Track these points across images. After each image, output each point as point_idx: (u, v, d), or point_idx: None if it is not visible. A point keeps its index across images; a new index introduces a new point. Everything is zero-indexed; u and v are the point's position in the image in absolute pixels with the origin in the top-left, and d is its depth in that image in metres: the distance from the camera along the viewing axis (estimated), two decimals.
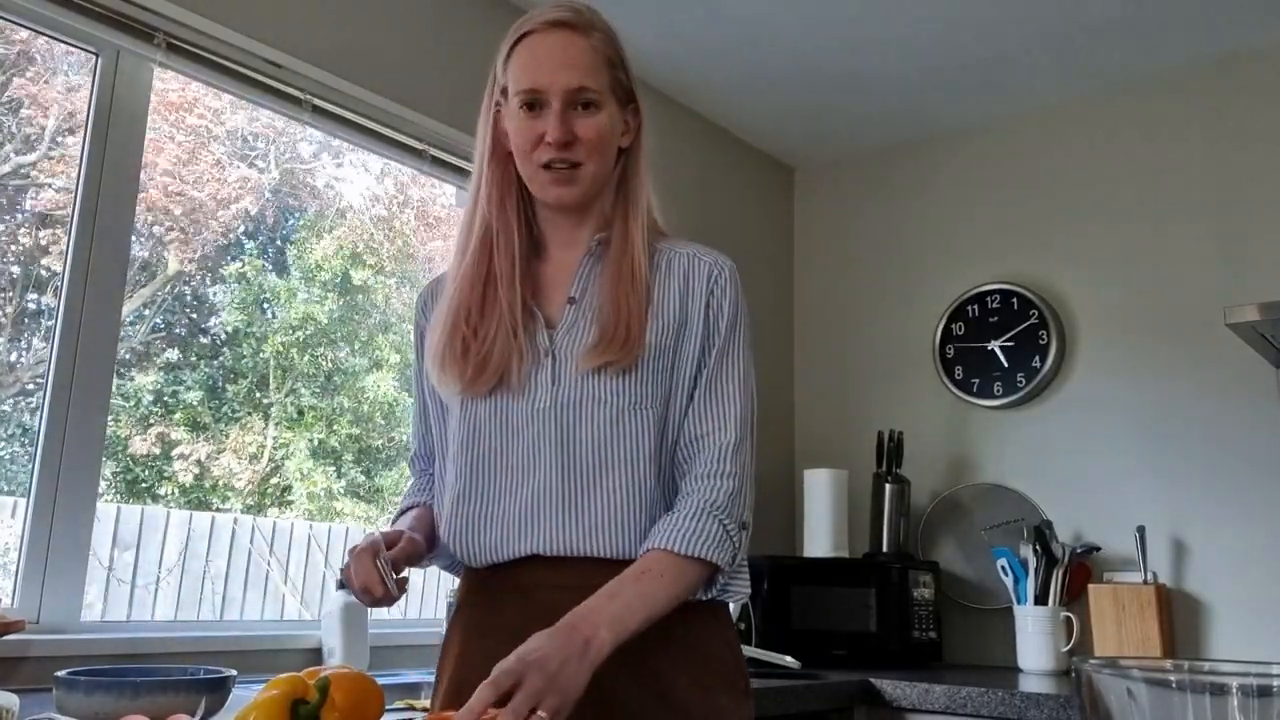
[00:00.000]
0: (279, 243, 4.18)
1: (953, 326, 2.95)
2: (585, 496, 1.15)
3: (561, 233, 1.27)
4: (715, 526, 1.12)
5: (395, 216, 4.39)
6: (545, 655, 0.95)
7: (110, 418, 1.81)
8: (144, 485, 3.53)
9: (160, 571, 2.86)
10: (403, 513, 1.32)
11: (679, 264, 1.24)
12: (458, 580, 1.30)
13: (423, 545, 1.22)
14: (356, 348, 4.06)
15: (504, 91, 1.21)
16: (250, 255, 3.97)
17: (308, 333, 3.96)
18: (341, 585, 1.95)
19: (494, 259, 1.22)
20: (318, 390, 4.01)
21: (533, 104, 1.17)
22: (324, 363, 4.01)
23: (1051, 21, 2.52)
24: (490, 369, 1.18)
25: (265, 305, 4.01)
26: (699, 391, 1.20)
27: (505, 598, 1.18)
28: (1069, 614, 2.49)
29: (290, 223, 4.21)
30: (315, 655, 1.94)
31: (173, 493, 3.53)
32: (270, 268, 4.02)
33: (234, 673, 1.24)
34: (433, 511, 1.29)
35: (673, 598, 1.08)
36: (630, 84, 1.25)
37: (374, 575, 1.11)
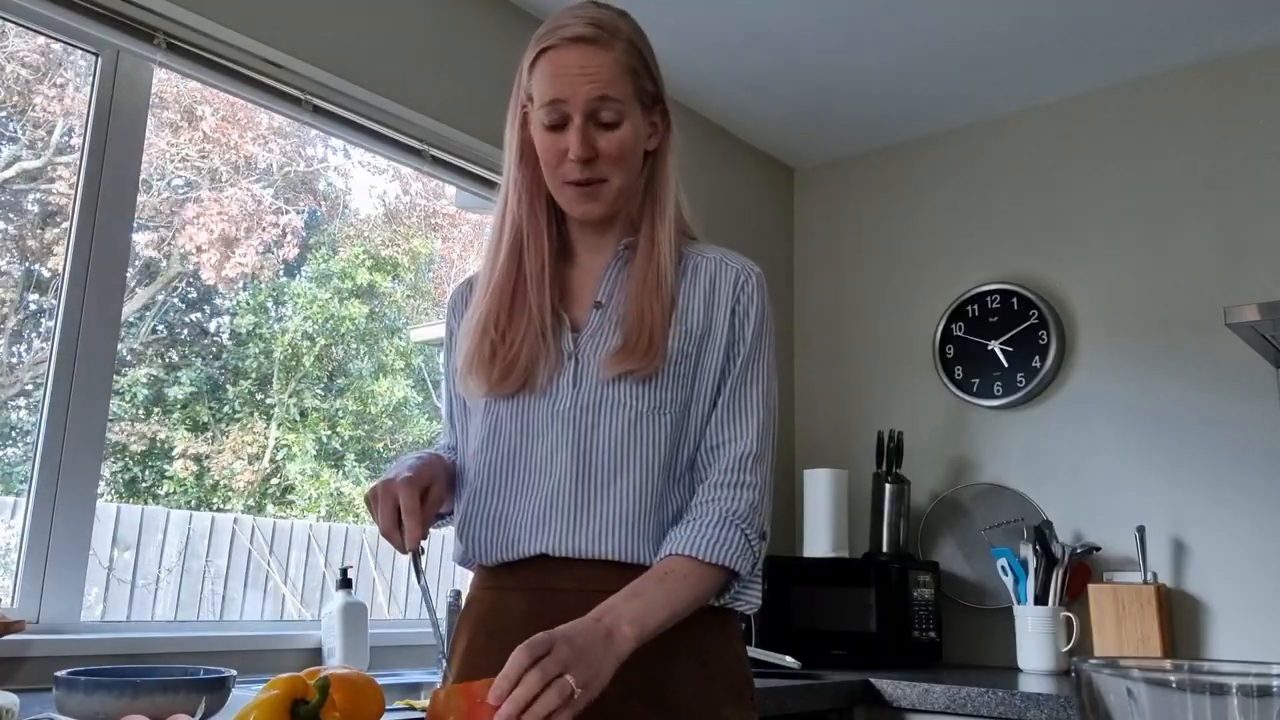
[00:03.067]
0: (297, 248, 4.19)
1: (953, 326, 2.95)
2: (598, 499, 1.15)
3: (589, 237, 1.27)
4: (738, 535, 1.13)
5: (405, 222, 4.41)
6: (573, 634, 0.96)
7: (110, 418, 1.80)
8: (144, 485, 3.53)
9: (160, 571, 2.87)
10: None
11: (705, 269, 1.24)
12: (458, 580, 1.31)
13: (449, 497, 1.24)
14: (363, 351, 4.07)
15: (530, 97, 1.20)
16: (266, 257, 3.98)
17: (320, 329, 3.96)
18: (342, 585, 1.96)
19: (524, 261, 1.23)
20: (321, 392, 4.01)
21: (555, 120, 1.16)
22: (329, 364, 4.01)
23: (1051, 21, 2.51)
24: (516, 372, 1.19)
25: (276, 306, 4.02)
26: (722, 399, 1.20)
27: (512, 595, 1.18)
28: (1069, 614, 2.49)
29: (309, 226, 4.22)
30: (315, 655, 1.94)
31: (173, 492, 3.53)
32: (282, 269, 4.03)
33: (234, 673, 1.24)
34: (454, 464, 1.31)
35: (693, 601, 1.09)
36: (656, 88, 1.24)
37: (394, 529, 1.12)
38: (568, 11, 1.19)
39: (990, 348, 2.87)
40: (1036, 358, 2.78)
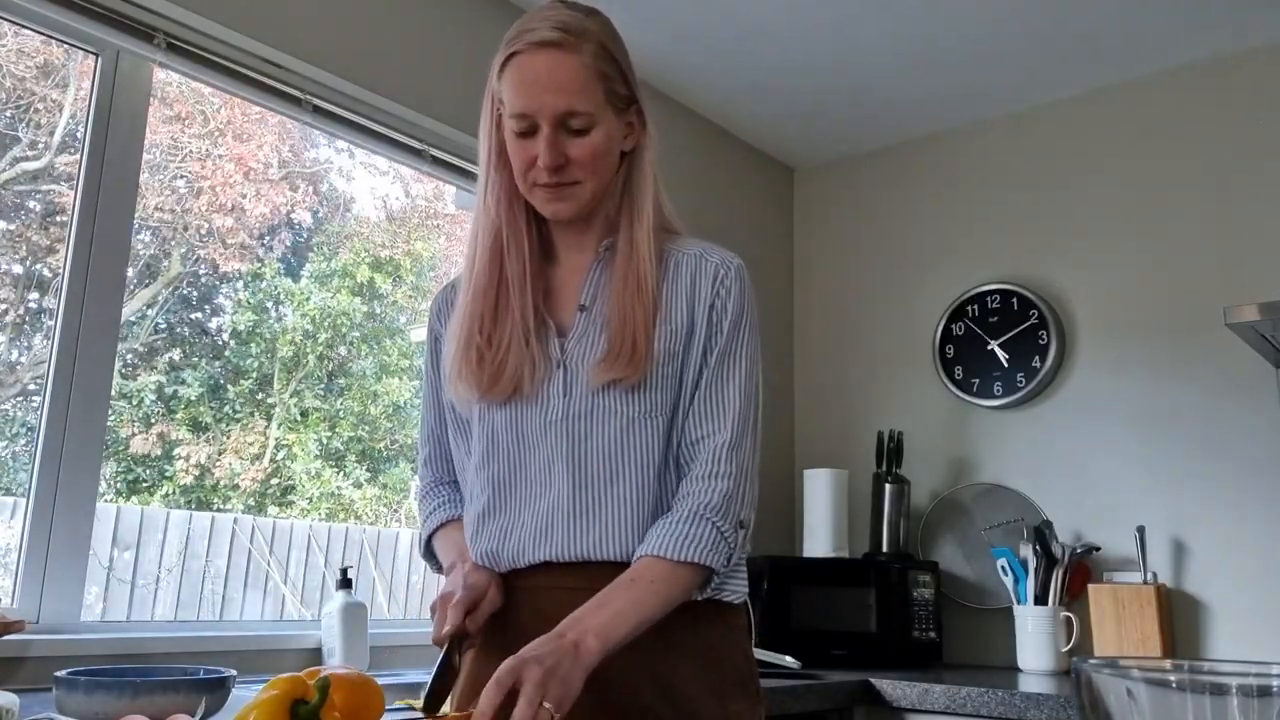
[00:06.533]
0: (298, 246, 4.19)
1: (953, 326, 2.95)
2: (596, 506, 1.15)
3: (569, 237, 1.27)
4: (708, 530, 1.12)
5: (408, 221, 4.41)
6: (540, 653, 0.97)
7: (118, 421, 1.80)
8: (144, 485, 3.53)
9: (160, 571, 2.86)
10: (442, 525, 1.31)
11: (686, 265, 1.23)
12: None
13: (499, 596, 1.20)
14: (365, 351, 4.07)
15: (501, 100, 1.20)
16: (268, 254, 3.98)
17: (319, 324, 3.96)
18: (342, 585, 1.96)
19: (505, 263, 1.22)
20: (322, 391, 4.01)
21: (524, 129, 1.16)
22: (330, 364, 4.01)
23: (1051, 22, 2.51)
24: (504, 379, 1.18)
25: (277, 306, 4.02)
26: (700, 393, 1.19)
27: (521, 594, 1.19)
28: (1069, 614, 2.49)
29: (311, 226, 4.23)
30: (315, 655, 1.94)
31: (173, 492, 3.53)
32: (283, 270, 4.03)
33: (234, 673, 1.24)
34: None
35: (665, 603, 1.09)
36: (630, 89, 1.21)
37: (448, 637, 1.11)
38: (535, 14, 1.17)
39: (990, 348, 2.87)
40: (1036, 358, 2.78)
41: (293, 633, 1.96)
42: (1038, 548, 2.51)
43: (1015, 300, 2.84)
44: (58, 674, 1.15)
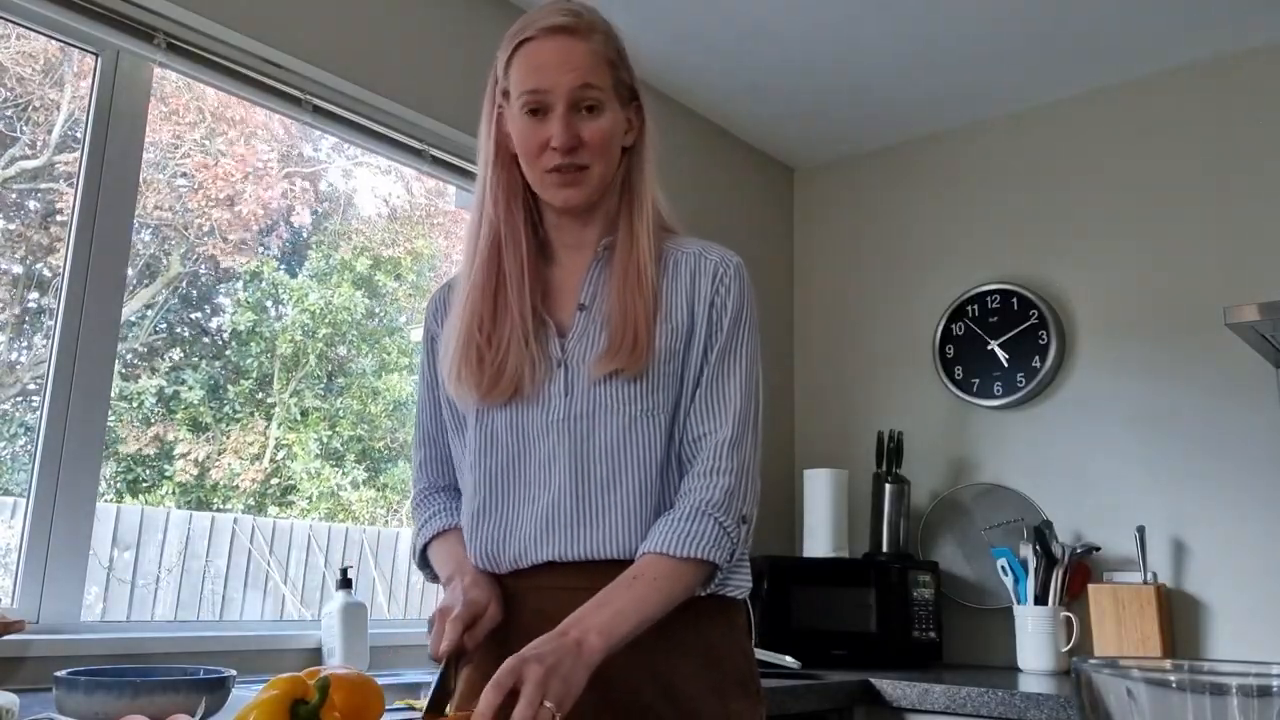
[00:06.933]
0: (296, 242, 4.18)
1: (953, 326, 2.95)
2: (599, 505, 1.15)
3: (568, 236, 1.27)
4: (711, 526, 1.12)
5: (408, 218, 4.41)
6: (541, 652, 0.96)
7: (118, 421, 1.80)
8: (144, 485, 3.53)
9: (160, 571, 2.86)
10: (438, 534, 1.29)
11: (686, 264, 1.24)
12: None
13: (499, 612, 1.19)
14: (364, 350, 4.06)
15: (505, 94, 1.21)
16: (266, 253, 3.98)
17: (319, 320, 3.96)
18: (342, 585, 1.96)
19: (503, 263, 1.22)
20: (322, 391, 4.01)
21: (536, 108, 1.17)
22: (329, 364, 4.01)
23: (1051, 22, 2.51)
24: (505, 379, 1.18)
25: (277, 304, 4.01)
26: (700, 390, 1.20)
27: (524, 594, 1.19)
28: (1069, 614, 2.49)
29: (311, 223, 4.22)
30: (315, 655, 1.94)
31: (173, 492, 3.53)
32: (282, 266, 4.02)
33: (234, 673, 1.24)
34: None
35: (668, 600, 1.09)
36: (632, 82, 1.24)
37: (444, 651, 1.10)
38: (539, 10, 1.20)
39: (990, 348, 2.87)
40: (1036, 358, 2.78)
41: (293, 633, 1.96)
42: (1038, 548, 2.51)
43: (1015, 300, 2.85)
44: (58, 674, 1.15)
